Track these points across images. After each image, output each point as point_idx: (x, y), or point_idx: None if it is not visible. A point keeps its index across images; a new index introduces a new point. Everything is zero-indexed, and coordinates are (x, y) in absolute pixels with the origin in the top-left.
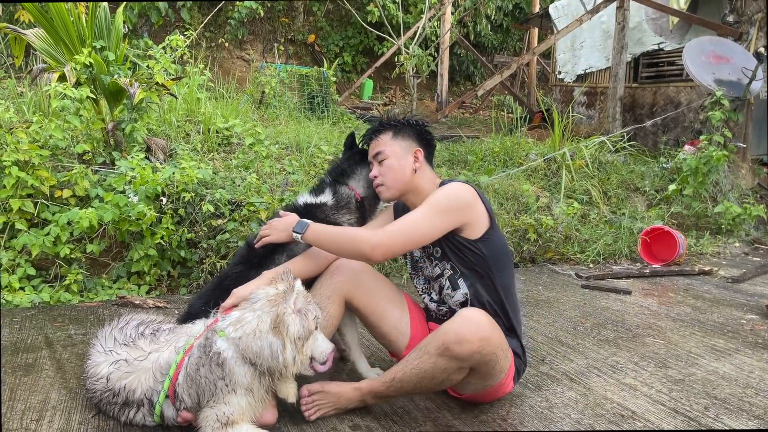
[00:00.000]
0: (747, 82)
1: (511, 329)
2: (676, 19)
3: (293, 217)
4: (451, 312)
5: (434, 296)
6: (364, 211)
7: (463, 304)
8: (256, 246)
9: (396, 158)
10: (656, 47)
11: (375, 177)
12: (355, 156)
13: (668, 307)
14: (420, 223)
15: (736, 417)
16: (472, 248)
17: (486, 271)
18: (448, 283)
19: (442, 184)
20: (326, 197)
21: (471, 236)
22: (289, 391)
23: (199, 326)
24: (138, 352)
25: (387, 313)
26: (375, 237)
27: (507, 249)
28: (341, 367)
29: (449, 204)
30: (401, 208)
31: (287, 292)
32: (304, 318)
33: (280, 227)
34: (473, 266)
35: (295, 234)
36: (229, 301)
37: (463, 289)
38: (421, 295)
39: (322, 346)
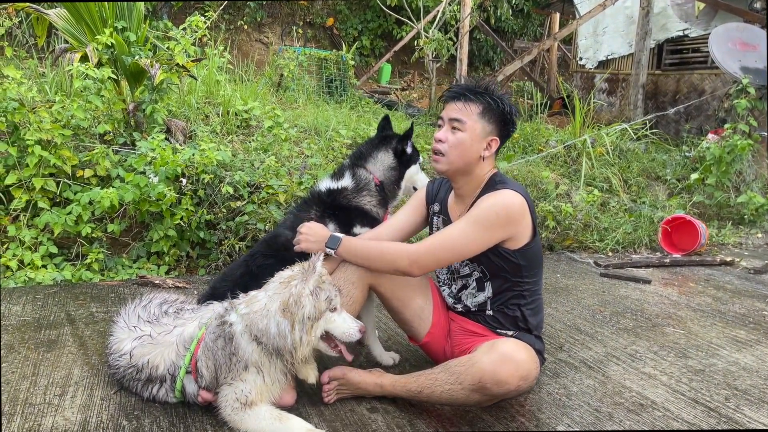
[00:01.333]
0: None
1: (527, 330)
2: (702, 5)
3: (325, 231)
4: (466, 310)
5: (453, 290)
6: (385, 194)
7: (482, 305)
8: (294, 249)
9: (471, 137)
10: (681, 33)
11: (439, 140)
12: (375, 140)
13: (688, 297)
14: (462, 239)
15: (757, 408)
16: (509, 257)
17: (516, 278)
18: (474, 284)
19: (495, 179)
20: (346, 181)
21: (511, 247)
22: (308, 373)
23: (225, 305)
24: (162, 327)
25: (410, 301)
26: (413, 252)
27: (541, 256)
28: (358, 350)
29: (497, 219)
30: (436, 191)
31: (306, 272)
32: (316, 298)
33: (313, 238)
34: (505, 273)
35: (328, 249)
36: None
37: (488, 293)
38: (440, 284)
39: (343, 326)
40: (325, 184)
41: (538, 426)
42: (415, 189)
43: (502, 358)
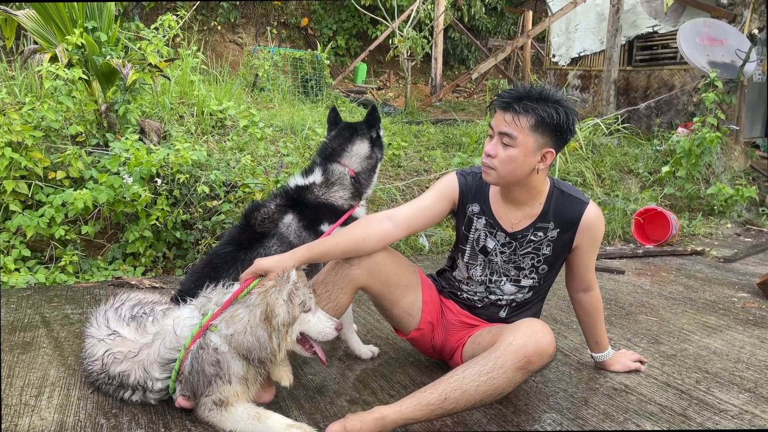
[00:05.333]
0: (740, 65)
1: None
2: (670, 2)
3: (280, 255)
4: (488, 302)
5: (480, 290)
6: (360, 186)
7: (509, 303)
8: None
9: (523, 153)
10: (650, 30)
11: (489, 154)
12: (344, 132)
13: (661, 286)
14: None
15: (727, 390)
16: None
17: (550, 286)
18: (521, 295)
19: (561, 188)
20: (315, 177)
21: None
22: (282, 375)
23: (186, 311)
24: (130, 344)
25: (400, 300)
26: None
27: None
28: (337, 345)
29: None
30: (473, 188)
31: (281, 281)
32: (290, 304)
33: (273, 263)
34: (551, 282)
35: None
36: (249, 270)
37: (527, 297)
38: (459, 280)
39: (318, 326)
40: (294, 180)
41: (515, 412)
42: None
43: (534, 331)
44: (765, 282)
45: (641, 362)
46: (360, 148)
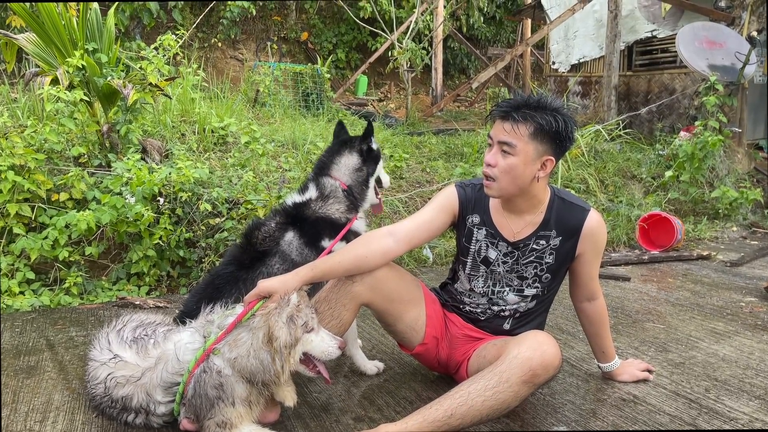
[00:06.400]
0: (741, 67)
1: None
2: (668, 6)
3: (285, 276)
4: (491, 314)
5: (483, 302)
6: (354, 198)
7: (512, 314)
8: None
9: (523, 161)
10: (649, 35)
11: (488, 164)
12: (335, 146)
13: (667, 292)
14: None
15: (737, 398)
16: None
17: (554, 296)
18: (524, 304)
19: (562, 196)
20: (310, 192)
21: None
22: (285, 395)
23: (186, 335)
24: (132, 368)
25: (404, 315)
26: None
27: None
28: (342, 361)
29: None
30: (472, 198)
31: (281, 304)
32: (292, 325)
33: (277, 283)
34: (555, 292)
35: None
36: (253, 292)
37: (530, 307)
38: (461, 292)
39: (321, 345)
40: (292, 198)
41: (522, 426)
42: (374, 185)
43: (538, 343)
44: None
45: (649, 371)
46: (348, 161)
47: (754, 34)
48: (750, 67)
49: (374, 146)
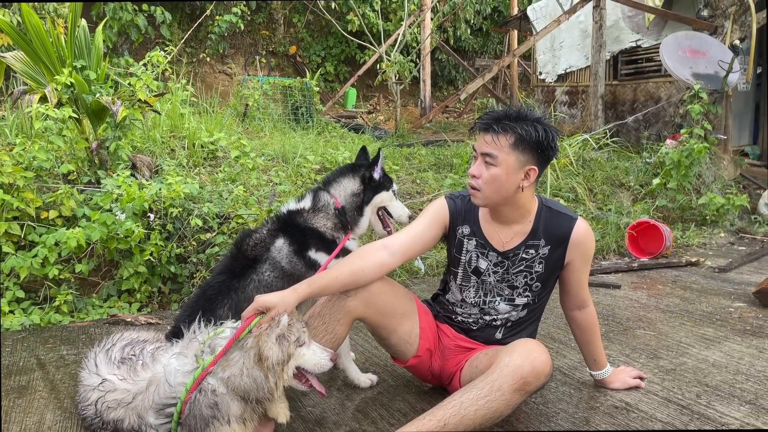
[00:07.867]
0: (724, 75)
1: None
2: (652, 16)
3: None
4: (483, 323)
5: (475, 312)
6: (345, 220)
7: (504, 323)
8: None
9: (506, 171)
10: (634, 44)
11: (473, 176)
12: (346, 167)
13: (657, 299)
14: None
15: (728, 403)
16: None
17: (545, 305)
18: (515, 313)
19: (549, 205)
20: (306, 202)
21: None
22: (278, 412)
23: (173, 359)
24: (121, 392)
25: (398, 328)
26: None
27: None
28: (336, 374)
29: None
30: (461, 210)
31: (272, 325)
32: (283, 343)
33: (276, 299)
34: (546, 300)
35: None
36: (250, 308)
37: (521, 316)
38: (452, 303)
39: (313, 359)
40: (287, 206)
41: None
42: (383, 214)
43: (529, 351)
44: (761, 291)
45: (641, 378)
46: (349, 183)
47: (737, 42)
48: (733, 75)
49: (376, 176)
